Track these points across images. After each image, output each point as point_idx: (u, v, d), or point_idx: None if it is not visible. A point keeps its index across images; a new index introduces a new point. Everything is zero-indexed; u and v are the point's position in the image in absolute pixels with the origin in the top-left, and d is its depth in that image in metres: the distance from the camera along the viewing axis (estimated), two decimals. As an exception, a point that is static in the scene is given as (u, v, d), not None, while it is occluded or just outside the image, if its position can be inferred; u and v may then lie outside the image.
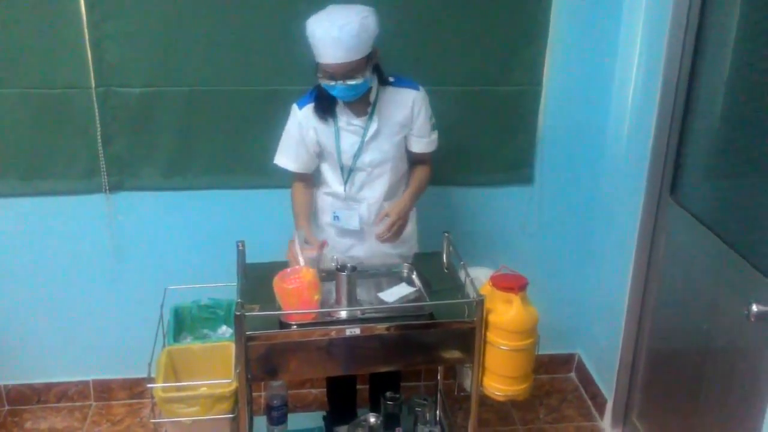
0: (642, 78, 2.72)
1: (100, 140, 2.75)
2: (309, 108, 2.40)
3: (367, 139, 2.39)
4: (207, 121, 2.78)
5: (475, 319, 2.16)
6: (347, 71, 2.20)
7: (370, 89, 2.34)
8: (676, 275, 2.62)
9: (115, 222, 2.89)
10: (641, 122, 2.70)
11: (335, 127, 2.39)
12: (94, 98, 2.69)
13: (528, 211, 3.09)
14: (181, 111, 2.76)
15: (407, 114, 2.41)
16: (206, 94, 2.73)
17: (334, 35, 2.14)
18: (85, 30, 2.61)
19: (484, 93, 2.87)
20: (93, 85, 2.68)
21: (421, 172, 2.52)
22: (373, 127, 2.38)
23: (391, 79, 2.39)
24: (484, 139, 2.95)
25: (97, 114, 2.72)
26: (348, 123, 2.39)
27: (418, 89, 2.41)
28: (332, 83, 2.24)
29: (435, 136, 2.48)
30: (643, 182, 2.69)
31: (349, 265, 2.26)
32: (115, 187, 2.84)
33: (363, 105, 2.38)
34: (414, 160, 2.55)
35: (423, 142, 2.46)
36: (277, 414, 2.69)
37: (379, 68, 2.36)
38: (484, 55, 2.82)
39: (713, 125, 2.47)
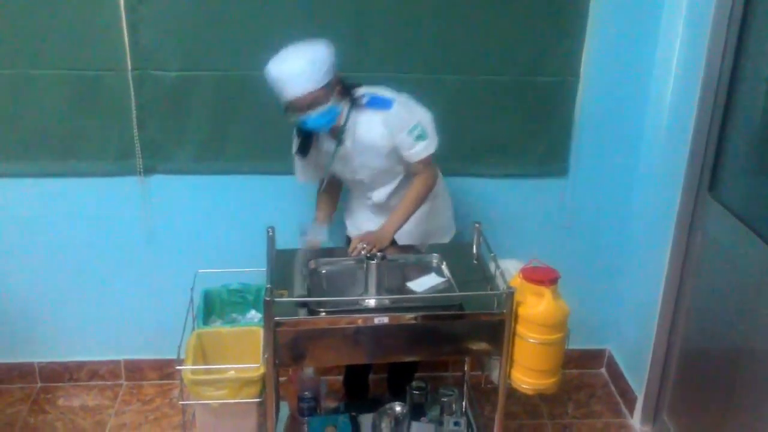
0: (682, 71, 2.66)
1: (135, 123, 2.77)
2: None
3: (336, 159, 2.50)
4: (241, 106, 2.78)
5: (504, 311, 2.14)
6: (309, 102, 2.31)
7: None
8: (713, 273, 2.56)
9: (148, 204, 2.92)
10: (680, 116, 2.64)
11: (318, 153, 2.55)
12: (130, 81, 2.71)
13: (561, 203, 3.04)
14: (215, 95, 2.76)
15: (382, 133, 2.41)
16: (241, 78, 2.73)
17: (286, 72, 2.29)
18: (122, 13, 2.62)
19: (520, 83, 2.83)
20: (129, 68, 2.70)
21: (411, 191, 2.50)
22: (343, 149, 2.46)
23: (365, 100, 2.41)
24: (519, 129, 2.91)
25: (132, 97, 2.73)
26: (328, 148, 2.50)
27: (389, 107, 2.39)
28: (301, 116, 2.35)
29: (420, 146, 2.41)
30: (680, 177, 2.63)
31: (378, 254, 2.25)
32: (148, 170, 2.86)
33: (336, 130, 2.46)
34: (409, 172, 2.54)
35: (406, 154, 2.45)
36: (307, 406, 2.69)
37: (350, 93, 2.41)
38: (520, 44, 2.78)
39: (755, 119, 2.41)
